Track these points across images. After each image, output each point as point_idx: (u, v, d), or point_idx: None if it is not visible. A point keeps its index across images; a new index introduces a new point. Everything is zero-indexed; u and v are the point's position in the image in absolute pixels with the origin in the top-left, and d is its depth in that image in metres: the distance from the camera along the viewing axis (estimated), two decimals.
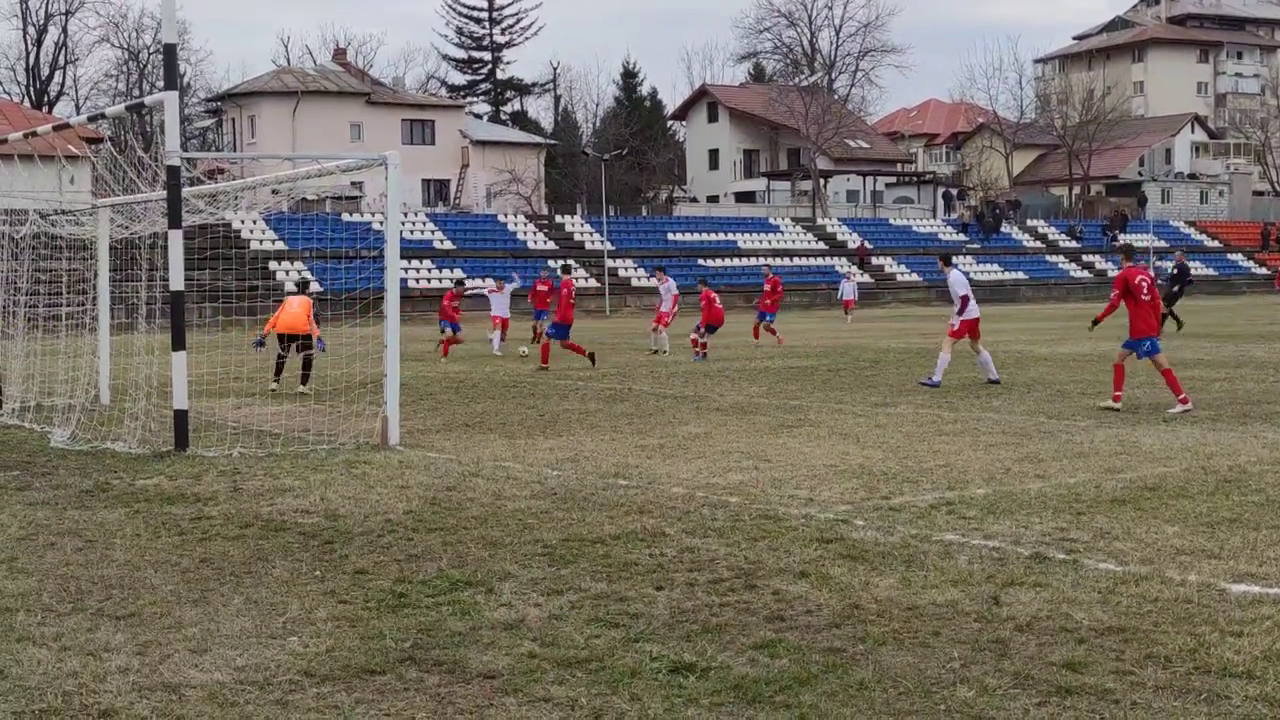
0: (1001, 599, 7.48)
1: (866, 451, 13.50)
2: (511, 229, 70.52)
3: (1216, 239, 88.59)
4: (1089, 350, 28.02)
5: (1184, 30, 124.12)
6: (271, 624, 7.28)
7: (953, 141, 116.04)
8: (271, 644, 6.90)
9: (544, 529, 9.70)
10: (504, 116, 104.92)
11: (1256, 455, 12.75)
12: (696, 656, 6.51)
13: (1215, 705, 5.76)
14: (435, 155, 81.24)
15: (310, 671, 6.43)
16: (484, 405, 19.13)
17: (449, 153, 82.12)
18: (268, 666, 6.51)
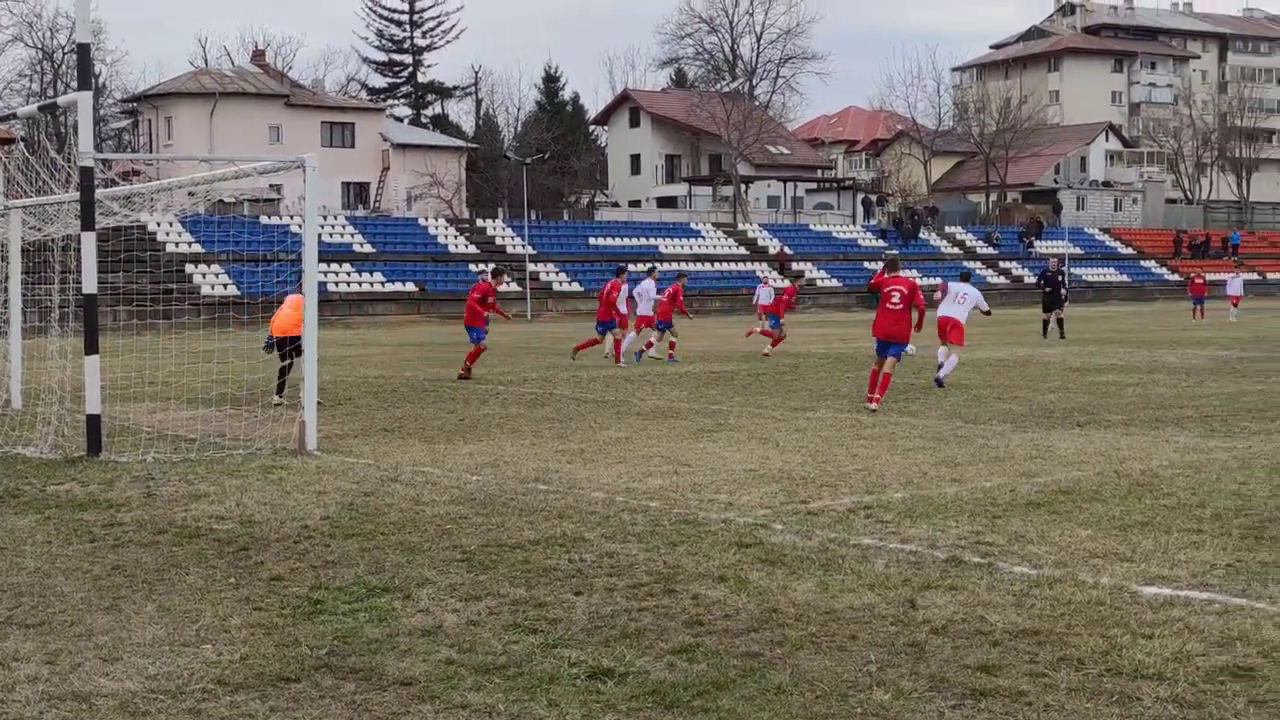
0: (918, 602, 7.53)
1: (786, 456, 13.56)
2: (432, 232, 70.20)
3: (1130, 246, 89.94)
4: (1005, 355, 28.35)
5: (1099, 40, 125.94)
6: (184, 632, 7.18)
7: (872, 148, 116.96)
8: (184, 652, 6.81)
9: (463, 534, 9.66)
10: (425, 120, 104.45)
11: (1168, 459, 12.95)
12: (615, 661, 6.50)
13: (1126, 706, 5.83)
14: (355, 158, 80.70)
15: (224, 680, 6.35)
16: (403, 410, 19.02)
17: (369, 156, 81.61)
18: (180, 675, 6.43)
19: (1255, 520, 9.73)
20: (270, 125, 78.21)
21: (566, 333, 46.55)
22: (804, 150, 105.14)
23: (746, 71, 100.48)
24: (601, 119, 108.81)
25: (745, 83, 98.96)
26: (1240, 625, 6.95)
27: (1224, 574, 8.12)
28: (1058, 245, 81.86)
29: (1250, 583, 7.89)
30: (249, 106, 78.66)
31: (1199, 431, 15.10)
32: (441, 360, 30.18)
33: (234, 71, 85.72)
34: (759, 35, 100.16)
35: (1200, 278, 52.45)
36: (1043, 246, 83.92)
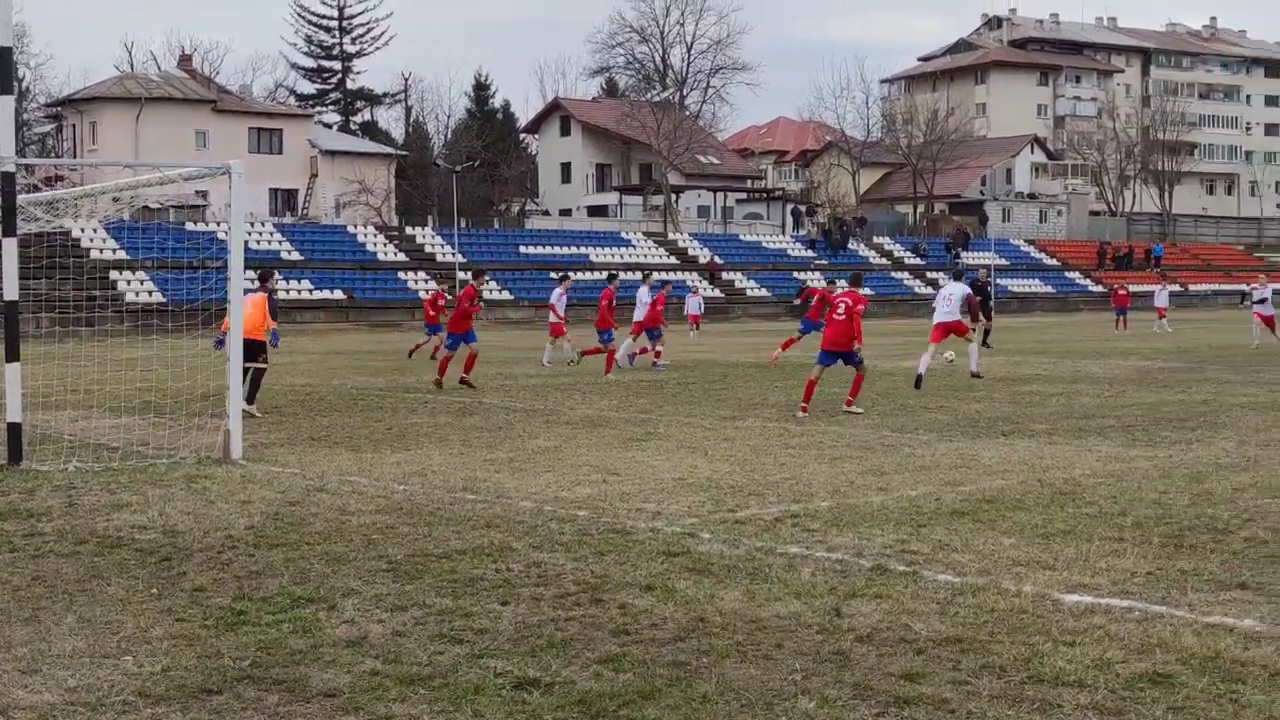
0: (843, 610, 7.57)
1: (714, 465, 13.59)
2: (361, 240, 69.80)
3: (1055, 257, 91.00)
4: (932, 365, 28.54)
5: (1025, 54, 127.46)
6: (105, 643, 7.09)
7: (801, 159, 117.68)
8: (105, 664, 6.72)
9: (389, 544, 9.60)
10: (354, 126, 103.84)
11: (1091, 468, 13.11)
12: (541, 671, 6.48)
13: (1047, 714, 5.89)
14: (283, 165, 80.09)
15: (145, 692, 6.27)
16: (330, 418, 18.89)
17: (297, 162, 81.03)
18: (100, 687, 6.34)
19: (1175, 529, 9.86)
20: (197, 131, 77.48)
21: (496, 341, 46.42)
22: (734, 160, 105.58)
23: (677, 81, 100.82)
24: (532, 127, 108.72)
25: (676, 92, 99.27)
26: (1160, 633, 7.05)
27: (1144, 582, 8.23)
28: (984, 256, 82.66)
29: (1170, 590, 8.00)
30: (175, 112, 77.88)
31: (1121, 441, 15.30)
32: (369, 368, 30.00)
33: (160, 76, 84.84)
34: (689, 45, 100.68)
35: (1123, 289, 53.17)
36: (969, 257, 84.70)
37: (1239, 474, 12.57)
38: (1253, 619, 7.31)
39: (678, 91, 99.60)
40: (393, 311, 63.23)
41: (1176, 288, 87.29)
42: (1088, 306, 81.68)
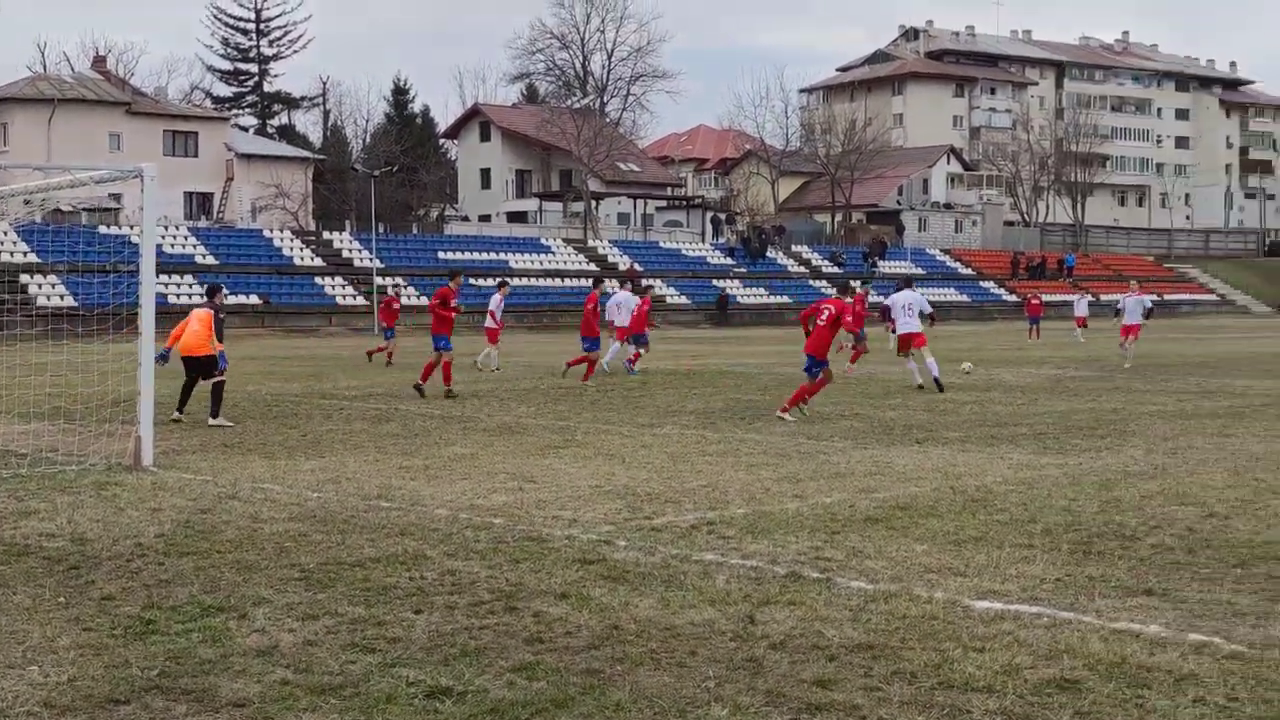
0: (757, 618, 7.61)
1: (631, 472, 13.60)
2: (277, 244, 69.19)
3: (970, 267, 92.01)
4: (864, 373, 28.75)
5: (941, 65, 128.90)
6: (10, 653, 6.97)
7: (721, 167, 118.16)
8: (9, 674, 6.60)
9: (302, 552, 9.52)
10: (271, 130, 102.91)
11: (1002, 476, 13.26)
12: (454, 680, 6.45)
13: (956, 719, 5.95)
14: (198, 168, 79.20)
15: (50, 702, 6.17)
16: (244, 425, 18.69)
17: (213, 165, 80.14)
18: (4, 697, 6.23)
19: (1084, 535, 10.00)
20: (111, 133, 76.38)
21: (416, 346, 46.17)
22: (654, 168, 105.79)
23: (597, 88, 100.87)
24: (451, 133, 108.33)
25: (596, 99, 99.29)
26: (1067, 638, 7.14)
27: (1053, 588, 8.34)
28: (900, 265, 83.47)
29: (1078, 597, 8.11)
30: (89, 114, 76.76)
31: (1032, 449, 15.49)
32: (285, 374, 29.71)
33: (74, 78, 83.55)
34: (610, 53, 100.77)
35: (1036, 298, 53.84)
36: (886, 266, 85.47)
37: (1147, 482, 12.77)
38: (1158, 625, 7.42)
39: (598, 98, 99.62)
40: (309, 317, 62.73)
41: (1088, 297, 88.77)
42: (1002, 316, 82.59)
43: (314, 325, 61.91)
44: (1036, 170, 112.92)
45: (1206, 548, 9.53)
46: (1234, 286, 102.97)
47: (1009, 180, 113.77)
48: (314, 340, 54.74)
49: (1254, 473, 13.31)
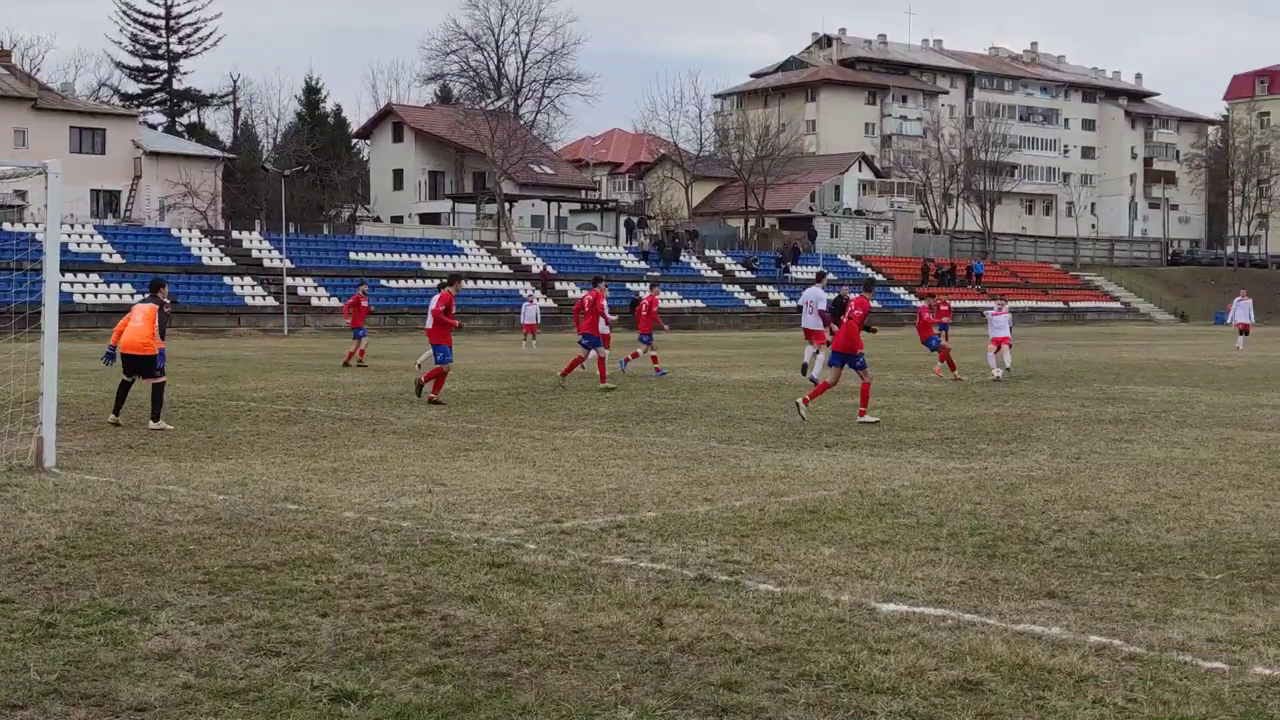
0: (665, 621, 7.62)
1: (542, 475, 13.58)
2: (186, 243, 68.35)
3: (881, 273, 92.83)
4: (759, 377, 28.95)
5: (853, 73, 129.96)
6: None
7: (635, 171, 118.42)
8: None
9: (206, 555, 9.40)
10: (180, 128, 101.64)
11: (910, 480, 13.40)
12: (359, 684, 6.40)
13: None
14: (106, 165, 78.00)
15: None
16: (149, 426, 18.41)
17: (121, 163, 78.97)
18: None
19: (989, 539, 10.13)
20: (15, 129, 75.03)
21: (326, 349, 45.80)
22: (568, 171, 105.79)
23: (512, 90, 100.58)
24: (364, 133, 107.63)
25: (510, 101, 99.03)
26: (971, 641, 7.22)
27: (958, 591, 8.43)
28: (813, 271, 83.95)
29: (982, 599, 8.21)
30: None
31: (939, 453, 15.66)
32: (191, 375, 29.33)
33: None
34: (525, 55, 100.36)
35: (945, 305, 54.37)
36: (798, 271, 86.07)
37: (1050, 486, 12.96)
38: (1060, 627, 7.53)
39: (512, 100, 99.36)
40: (218, 317, 62.03)
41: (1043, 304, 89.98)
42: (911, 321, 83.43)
43: (222, 326, 61.22)
44: (946, 178, 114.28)
45: (1107, 551, 9.69)
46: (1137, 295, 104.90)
47: (920, 188, 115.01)
48: (222, 341, 54.11)
49: (1154, 478, 13.55)
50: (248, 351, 43.82)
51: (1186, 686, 6.44)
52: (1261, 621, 7.68)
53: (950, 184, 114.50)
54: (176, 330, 57.59)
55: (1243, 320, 47.92)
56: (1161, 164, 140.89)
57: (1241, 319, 47.96)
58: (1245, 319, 47.96)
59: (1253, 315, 49.19)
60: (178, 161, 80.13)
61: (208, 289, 64.39)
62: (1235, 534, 10.38)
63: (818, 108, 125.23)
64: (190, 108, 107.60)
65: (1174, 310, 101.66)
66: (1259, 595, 8.34)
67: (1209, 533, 10.44)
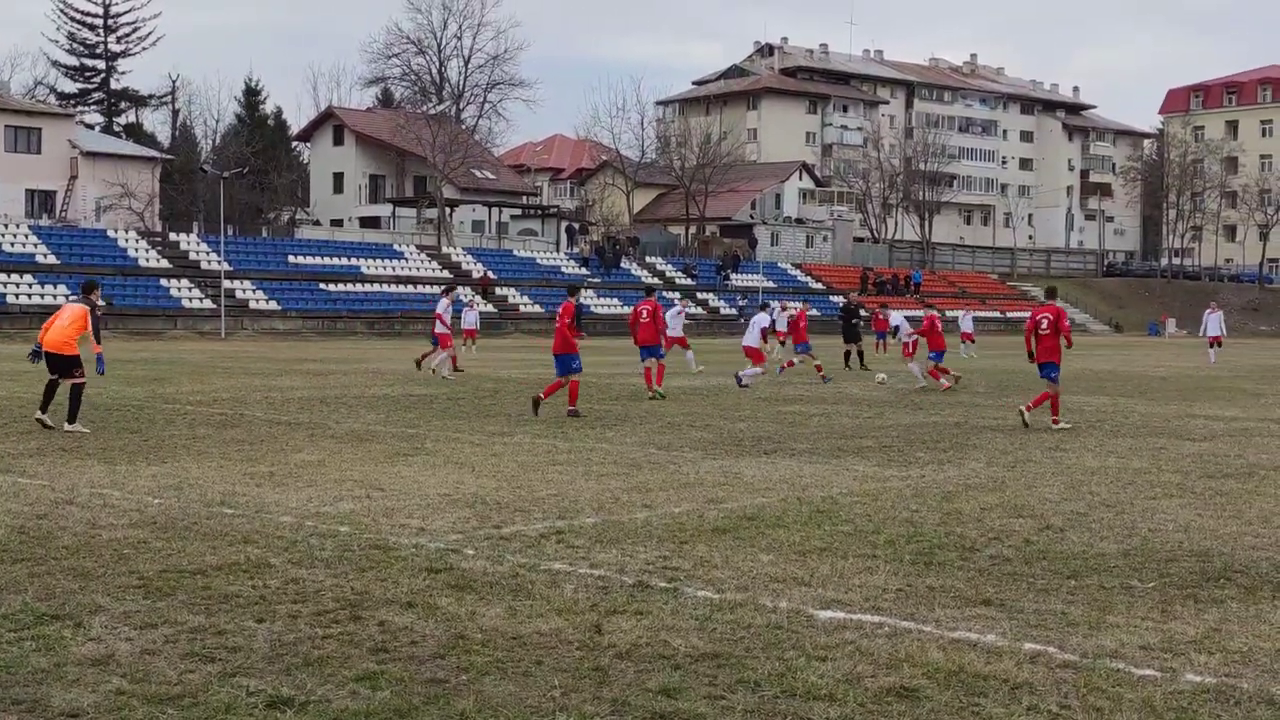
0: (604, 627, 7.62)
1: (481, 480, 13.55)
2: (122, 245, 67.65)
3: (820, 281, 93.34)
4: (700, 384, 29.00)
5: (795, 82, 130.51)
6: None
7: (577, 177, 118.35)
8: None
9: (141, 560, 9.31)
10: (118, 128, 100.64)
11: (847, 487, 13.47)
12: (295, 690, 6.36)
13: None
14: (41, 165, 77.02)
15: None
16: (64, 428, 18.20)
17: (57, 163, 77.99)
18: None
19: (925, 546, 10.20)
20: None
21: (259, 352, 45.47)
22: (509, 176, 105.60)
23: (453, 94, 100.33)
24: (304, 135, 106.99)
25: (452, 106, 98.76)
26: (908, 647, 7.27)
27: (895, 598, 8.49)
28: (753, 279, 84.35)
29: (918, 606, 8.26)
30: None
31: (877, 461, 15.76)
32: (126, 378, 29.02)
33: None
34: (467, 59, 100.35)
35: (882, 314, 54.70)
36: (739, 279, 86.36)
37: (987, 494, 13.07)
38: (995, 634, 7.60)
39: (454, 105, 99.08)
40: (154, 319, 61.45)
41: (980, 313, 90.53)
42: None
43: (159, 328, 60.65)
44: (886, 188, 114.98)
45: (1042, 559, 9.78)
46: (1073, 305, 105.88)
47: (859, 197, 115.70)
48: (158, 343, 53.58)
49: (1088, 486, 13.70)
50: (184, 354, 43.43)
51: (1119, 693, 6.52)
52: (1193, 629, 7.78)
53: (890, 193, 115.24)
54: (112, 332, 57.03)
55: (1214, 333, 47.21)
56: (1098, 176, 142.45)
57: (1213, 332, 47.14)
58: (1217, 331, 47.29)
59: (1224, 328, 48.24)
60: (115, 162, 79.28)
61: (144, 291, 63.76)
62: (1168, 543, 10.51)
63: (759, 116, 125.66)
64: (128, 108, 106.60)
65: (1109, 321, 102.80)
66: (1191, 603, 8.45)
67: (1142, 541, 10.57)
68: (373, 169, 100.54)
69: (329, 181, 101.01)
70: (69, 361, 18.19)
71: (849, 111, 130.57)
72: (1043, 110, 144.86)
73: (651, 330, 24.90)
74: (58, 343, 18.15)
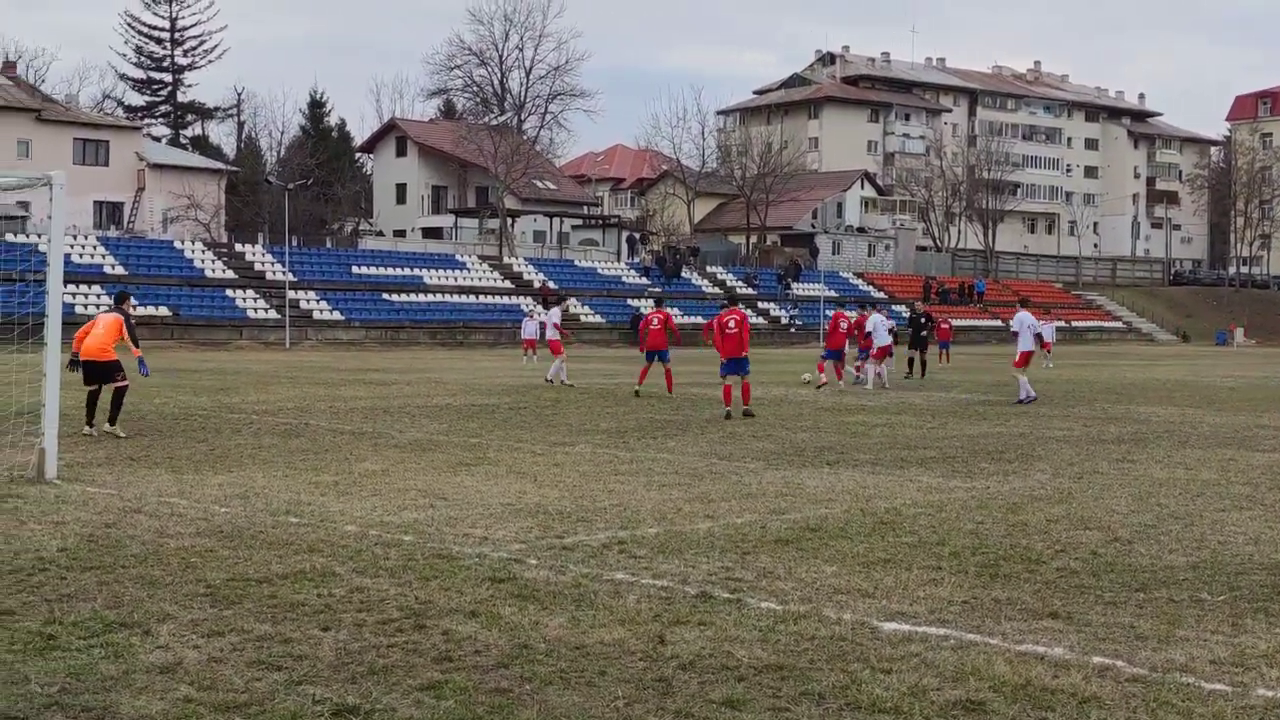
0: (667, 637, 7.60)
1: (543, 490, 13.57)
2: (188, 256, 68.35)
3: (882, 290, 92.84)
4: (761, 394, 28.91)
5: (856, 90, 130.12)
6: None
7: (638, 187, 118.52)
8: None
9: (208, 568, 9.39)
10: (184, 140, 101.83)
11: (911, 498, 13.38)
12: (360, 699, 6.39)
13: None
14: (109, 177, 78.11)
15: None
16: (151, 439, 18.43)
17: (124, 175, 79.07)
18: None
19: (990, 558, 10.11)
20: (19, 140, 75.14)
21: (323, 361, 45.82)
22: (570, 186, 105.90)
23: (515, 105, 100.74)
24: (368, 147, 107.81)
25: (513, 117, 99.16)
26: (973, 661, 7.21)
27: (960, 610, 8.42)
28: (814, 288, 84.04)
29: (984, 619, 8.19)
30: None
31: (941, 472, 15.65)
32: (193, 388, 29.34)
33: None
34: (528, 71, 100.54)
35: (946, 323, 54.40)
36: (800, 289, 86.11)
37: (1053, 506, 12.94)
38: (1062, 647, 7.52)
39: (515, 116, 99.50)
40: (220, 330, 62.06)
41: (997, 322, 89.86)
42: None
43: (224, 338, 61.25)
44: (949, 196, 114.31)
45: (1110, 572, 9.67)
46: (1139, 314, 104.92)
47: (922, 206, 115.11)
48: (224, 353, 54.12)
49: (1156, 498, 13.54)
50: (249, 364, 43.82)
51: (1189, 708, 6.43)
52: (1264, 643, 7.67)
53: (952, 202, 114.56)
54: (178, 342, 57.71)
55: None
56: (1164, 184, 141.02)
57: None
58: None
59: None
60: (181, 174, 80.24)
61: (210, 302, 64.40)
62: (1238, 555, 10.37)
63: (820, 125, 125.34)
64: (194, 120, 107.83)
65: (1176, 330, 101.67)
66: (1261, 617, 8.33)
67: (1211, 554, 10.43)
68: (435, 180, 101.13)
69: (392, 192, 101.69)
70: (110, 366, 18.74)
71: (911, 120, 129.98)
72: (1107, 117, 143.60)
73: (661, 336, 28.31)
74: (96, 350, 18.68)
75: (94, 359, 18.75)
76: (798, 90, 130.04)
